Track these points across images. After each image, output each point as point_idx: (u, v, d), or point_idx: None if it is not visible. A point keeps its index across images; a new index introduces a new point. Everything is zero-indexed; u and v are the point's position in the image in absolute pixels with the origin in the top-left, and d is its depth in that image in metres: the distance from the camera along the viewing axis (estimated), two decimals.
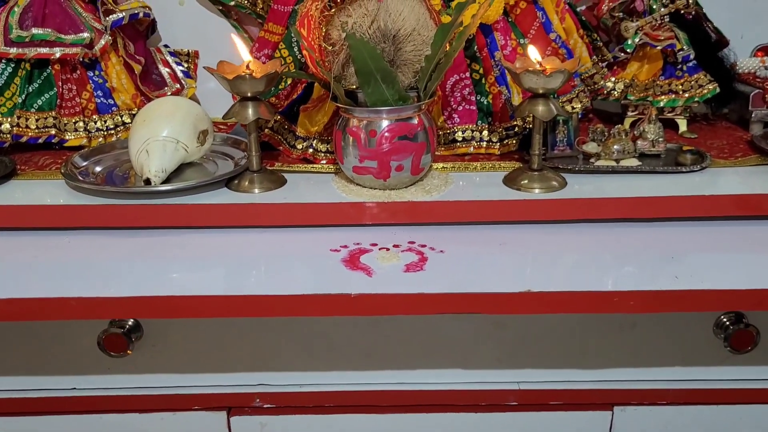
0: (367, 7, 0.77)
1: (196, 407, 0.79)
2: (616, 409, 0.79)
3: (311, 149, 0.90)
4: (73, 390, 0.79)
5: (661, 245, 0.75)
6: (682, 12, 0.98)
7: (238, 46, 0.83)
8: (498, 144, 0.91)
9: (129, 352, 0.75)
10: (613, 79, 1.00)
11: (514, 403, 0.79)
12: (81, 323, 0.75)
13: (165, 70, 1.05)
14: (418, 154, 0.80)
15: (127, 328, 0.74)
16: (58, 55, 0.93)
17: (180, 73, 1.05)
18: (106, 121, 0.97)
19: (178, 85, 1.04)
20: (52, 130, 0.95)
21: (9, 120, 0.94)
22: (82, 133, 0.96)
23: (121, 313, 0.69)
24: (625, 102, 1.00)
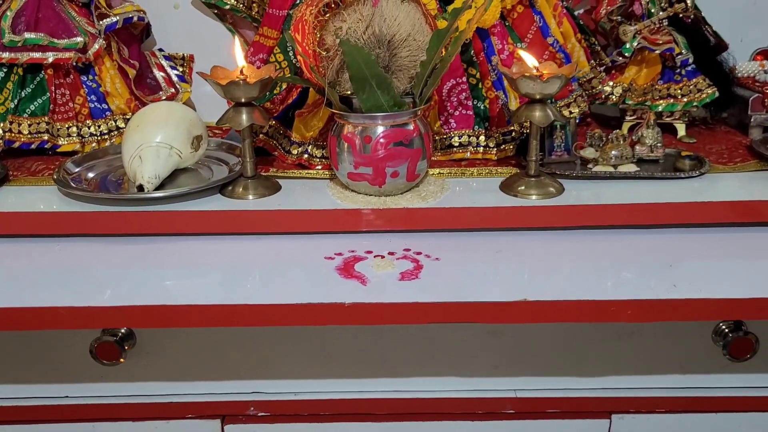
0: (362, 12, 0.77)
1: (190, 415, 0.79)
2: (613, 417, 0.79)
3: (306, 155, 0.89)
4: (66, 398, 0.78)
5: (659, 252, 0.75)
6: (681, 16, 0.97)
7: (236, 50, 0.83)
8: (495, 149, 0.90)
9: (122, 360, 0.74)
10: (611, 84, 1.00)
11: (511, 411, 0.78)
12: (73, 331, 0.74)
13: (160, 75, 1.04)
14: (414, 160, 0.79)
15: (120, 336, 0.74)
16: (50, 59, 0.93)
17: (175, 78, 1.05)
18: (99, 126, 0.97)
19: (173, 90, 1.04)
20: (45, 136, 0.94)
21: (1, 125, 0.93)
22: (75, 138, 0.95)
23: (113, 322, 0.69)
24: (623, 106, 1.00)
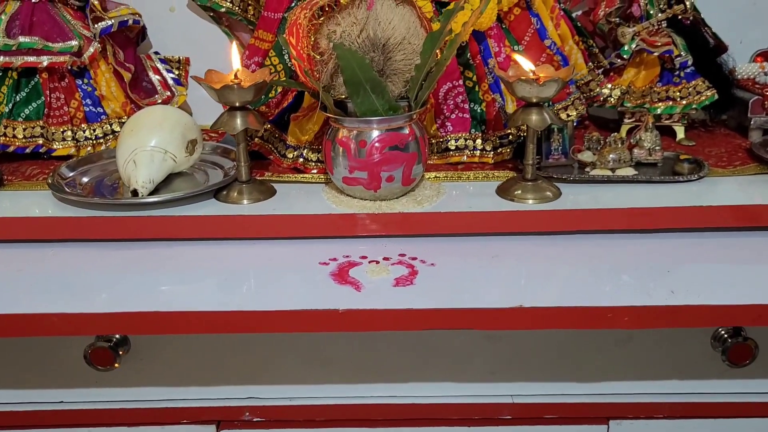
0: (356, 16, 0.76)
1: (185, 421, 0.78)
2: (611, 422, 0.78)
3: (302, 158, 0.89)
4: (61, 403, 0.78)
5: (657, 257, 0.74)
6: (680, 17, 0.97)
7: (233, 55, 0.82)
8: (492, 153, 0.90)
9: (116, 366, 0.74)
10: (609, 86, 0.99)
11: (508, 416, 0.78)
12: (68, 336, 0.74)
13: (155, 78, 1.03)
14: (409, 164, 0.79)
15: (114, 341, 0.74)
16: (45, 63, 0.92)
17: (171, 81, 1.04)
18: (95, 130, 0.96)
19: (169, 93, 1.03)
20: (40, 140, 0.93)
21: None
22: (70, 142, 0.95)
23: (106, 329, 0.69)
24: (621, 109, 0.99)
